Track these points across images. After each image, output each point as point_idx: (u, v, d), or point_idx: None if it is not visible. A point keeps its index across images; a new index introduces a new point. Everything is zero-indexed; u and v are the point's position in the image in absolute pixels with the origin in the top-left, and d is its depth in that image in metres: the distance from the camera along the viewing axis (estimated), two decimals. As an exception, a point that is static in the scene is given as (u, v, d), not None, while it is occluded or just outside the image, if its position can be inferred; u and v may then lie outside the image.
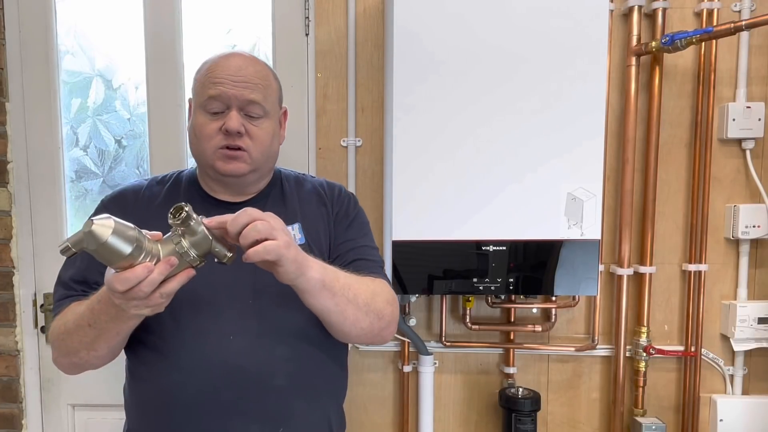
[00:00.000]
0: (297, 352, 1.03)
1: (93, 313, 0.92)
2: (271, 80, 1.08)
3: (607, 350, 1.64)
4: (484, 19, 1.35)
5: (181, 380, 1.00)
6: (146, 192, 1.11)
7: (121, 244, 0.74)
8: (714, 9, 1.52)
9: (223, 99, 1.02)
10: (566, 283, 1.42)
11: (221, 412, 0.99)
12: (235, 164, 1.04)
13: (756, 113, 1.53)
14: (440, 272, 1.42)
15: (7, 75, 1.65)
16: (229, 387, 0.99)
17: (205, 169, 1.09)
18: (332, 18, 1.60)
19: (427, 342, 1.63)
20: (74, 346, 0.98)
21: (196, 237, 0.81)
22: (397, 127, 1.39)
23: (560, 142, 1.37)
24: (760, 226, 1.54)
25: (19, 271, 1.69)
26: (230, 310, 1.01)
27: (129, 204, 1.09)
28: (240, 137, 1.03)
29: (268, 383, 1.00)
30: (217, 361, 0.99)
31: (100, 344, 0.96)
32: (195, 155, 1.10)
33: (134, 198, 1.10)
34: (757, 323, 1.56)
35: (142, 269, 0.77)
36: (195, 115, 1.07)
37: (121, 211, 1.03)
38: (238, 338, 1.00)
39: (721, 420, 1.60)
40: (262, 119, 1.05)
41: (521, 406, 1.53)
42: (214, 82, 1.02)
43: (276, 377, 1.01)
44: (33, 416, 1.74)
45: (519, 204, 1.39)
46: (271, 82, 1.08)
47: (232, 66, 1.03)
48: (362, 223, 1.16)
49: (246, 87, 1.02)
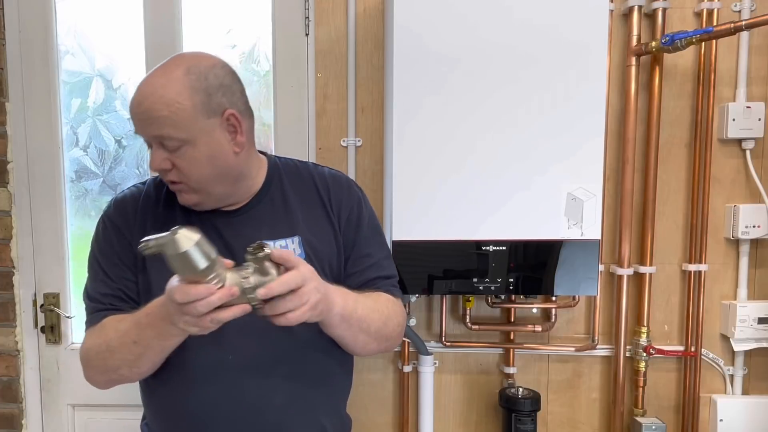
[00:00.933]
0: (297, 369, 1.02)
1: (139, 327, 0.91)
2: (182, 100, 0.90)
3: (607, 350, 1.64)
4: (484, 19, 1.35)
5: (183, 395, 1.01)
6: (146, 196, 1.08)
7: (198, 258, 0.76)
8: (714, 9, 1.52)
9: (142, 136, 0.97)
10: (566, 283, 1.42)
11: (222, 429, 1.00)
12: (183, 197, 0.99)
13: (756, 113, 1.53)
14: (440, 272, 1.42)
15: (7, 75, 1.65)
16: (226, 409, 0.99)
17: None
18: (332, 18, 1.60)
19: (427, 342, 1.63)
20: (116, 363, 0.97)
21: (265, 279, 0.81)
22: (397, 127, 1.39)
23: (560, 142, 1.37)
24: (760, 226, 1.54)
25: (19, 271, 1.69)
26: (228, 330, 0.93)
27: (129, 213, 1.05)
28: (169, 172, 0.95)
29: (266, 404, 1.00)
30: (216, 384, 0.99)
31: (143, 361, 0.95)
32: None
33: (134, 207, 1.06)
34: (757, 323, 1.56)
35: (205, 289, 0.77)
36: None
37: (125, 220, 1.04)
38: (237, 359, 0.99)
39: (721, 420, 1.60)
40: (184, 147, 0.92)
41: (521, 406, 1.53)
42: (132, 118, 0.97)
43: (276, 397, 1.01)
44: (33, 416, 1.74)
45: (519, 204, 1.38)
46: (181, 102, 0.90)
47: (135, 102, 0.94)
48: (375, 226, 1.12)
49: (150, 123, 0.92)
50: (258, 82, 1.69)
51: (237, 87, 0.98)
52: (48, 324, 1.71)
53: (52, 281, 1.70)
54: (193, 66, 0.93)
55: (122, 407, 1.70)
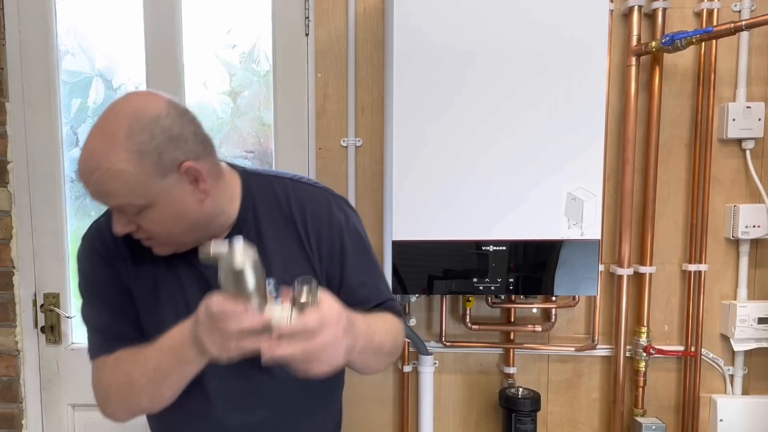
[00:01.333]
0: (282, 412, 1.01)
1: (160, 353, 0.88)
2: (131, 168, 0.82)
3: (607, 350, 1.64)
4: (483, 19, 1.35)
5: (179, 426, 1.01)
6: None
7: (249, 279, 0.74)
8: (714, 9, 1.52)
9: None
10: (566, 283, 1.42)
11: None
12: (157, 249, 0.93)
13: (756, 113, 1.53)
14: (440, 272, 1.42)
15: (7, 75, 1.65)
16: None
17: None
18: (332, 18, 1.60)
19: (427, 342, 1.63)
20: (137, 396, 0.93)
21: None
22: (397, 127, 1.39)
23: (560, 142, 1.37)
24: (760, 226, 1.54)
25: (19, 271, 1.69)
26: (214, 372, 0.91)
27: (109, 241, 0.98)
28: (137, 232, 0.90)
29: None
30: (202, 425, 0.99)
31: (163, 390, 0.91)
32: None
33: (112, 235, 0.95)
34: (757, 323, 1.56)
35: (242, 308, 0.74)
36: None
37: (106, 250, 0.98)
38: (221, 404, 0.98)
39: (721, 420, 1.60)
40: (145, 211, 0.86)
41: (521, 406, 1.53)
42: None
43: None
44: (33, 416, 1.74)
45: (519, 204, 1.38)
46: (131, 170, 0.82)
47: (82, 175, 0.87)
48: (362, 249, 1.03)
49: (104, 196, 0.87)
50: (258, 82, 1.69)
51: (189, 129, 0.87)
52: (48, 324, 1.71)
53: (52, 281, 1.70)
54: (135, 123, 0.83)
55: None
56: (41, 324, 1.71)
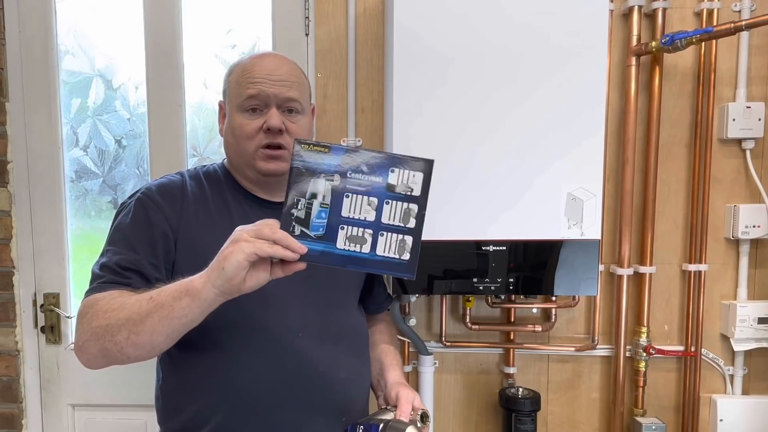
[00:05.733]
0: (353, 345, 1.13)
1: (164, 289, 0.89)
2: (303, 78, 1.13)
3: (607, 350, 1.64)
4: (484, 19, 1.35)
5: (251, 377, 1.01)
6: (190, 189, 1.08)
7: None
8: (714, 9, 1.52)
9: (262, 98, 1.05)
10: (566, 283, 1.42)
11: (290, 406, 1.02)
12: (275, 163, 1.07)
13: (756, 113, 1.53)
14: (440, 272, 1.42)
15: (7, 75, 1.65)
16: (298, 381, 1.02)
17: (244, 169, 1.10)
18: (332, 18, 1.60)
19: (427, 342, 1.63)
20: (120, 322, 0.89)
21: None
22: (397, 127, 1.39)
23: (560, 142, 1.37)
24: (760, 226, 1.54)
25: (19, 271, 1.69)
26: (293, 307, 1.05)
27: (178, 200, 1.06)
28: (281, 135, 1.06)
29: (334, 377, 1.06)
30: (288, 358, 1.02)
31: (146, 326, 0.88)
32: (233, 156, 1.11)
33: (181, 194, 1.07)
34: (757, 323, 1.56)
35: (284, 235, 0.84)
36: (232, 117, 1.08)
37: (172, 204, 1.05)
38: (306, 334, 1.04)
39: (721, 420, 1.60)
40: (300, 115, 1.09)
41: (521, 406, 1.53)
42: (252, 82, 1.05)
43: (341, 371, 1.07)
44: (33, 416, 1.74)
45: (519, 204, 1.38)
46: (303, 80, 1.13)
47: (268, 66, 1.07)
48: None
49: (284, 85, 1.06)
50: (258, 82, 1.69)
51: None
52: (48, 324, 1.71)
53: (52, 281, 1.70)
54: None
55: (122, 407, 1.71)
56: (41, 324, 1.71)
